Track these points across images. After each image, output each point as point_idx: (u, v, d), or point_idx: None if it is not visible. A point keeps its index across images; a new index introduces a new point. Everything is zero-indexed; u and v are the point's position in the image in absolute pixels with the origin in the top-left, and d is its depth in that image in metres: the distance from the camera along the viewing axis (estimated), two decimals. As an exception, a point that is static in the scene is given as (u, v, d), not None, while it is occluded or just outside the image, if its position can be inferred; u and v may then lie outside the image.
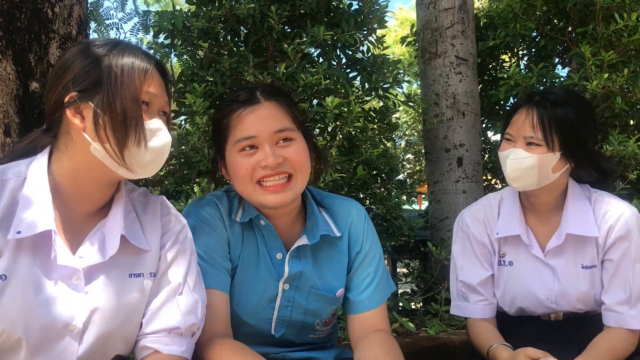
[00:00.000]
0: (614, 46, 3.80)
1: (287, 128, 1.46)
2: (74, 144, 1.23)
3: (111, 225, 1.28)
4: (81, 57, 1.24)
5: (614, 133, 3.49)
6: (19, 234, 1.16)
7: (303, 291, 1.56)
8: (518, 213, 1.85)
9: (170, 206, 1.42)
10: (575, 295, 1.79)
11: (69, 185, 1.26)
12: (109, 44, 1.28)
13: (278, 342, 1.58)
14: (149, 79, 1.26)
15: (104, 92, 1.21)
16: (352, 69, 3.45)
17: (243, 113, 1.46)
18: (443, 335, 2.90)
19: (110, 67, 1.22)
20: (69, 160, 1.25)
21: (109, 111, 1.20)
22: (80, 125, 1.21)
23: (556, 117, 1.72)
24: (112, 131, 1.20)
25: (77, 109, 1.22)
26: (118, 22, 4.80)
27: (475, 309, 1.87)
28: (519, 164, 1.73)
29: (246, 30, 3.32)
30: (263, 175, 1.44)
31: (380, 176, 3.41)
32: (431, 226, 3.87)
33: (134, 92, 1.23)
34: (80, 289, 1.20)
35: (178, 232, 1.38)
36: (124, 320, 1.25)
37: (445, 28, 3.85)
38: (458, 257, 1.92)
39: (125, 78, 1.22)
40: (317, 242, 1.55)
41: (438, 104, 3.84)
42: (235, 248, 1.53)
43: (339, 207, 1.65)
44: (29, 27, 1.84)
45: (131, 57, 1.25)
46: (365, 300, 1.60)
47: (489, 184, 4.46)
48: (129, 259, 1.28)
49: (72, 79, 1.22)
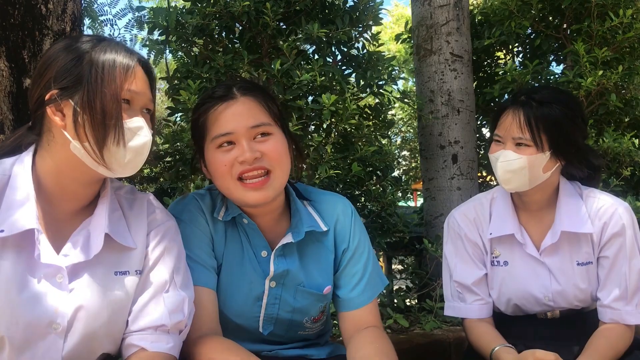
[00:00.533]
0: (608, 43, 3.81)
1: (264, 123, 1.46)
2: (55, 141, 1.23)
3: (96, 223, 1.27)
4: (64, 54, 1.23)
5: (608, 130, 3.50)
6: (2, 232, 1.16)
7: (290, 289, 1.55)
8: (511, 212, 1.85)
9: (157, 204, 1.41)
10: (573, 293, 1.79)
11: (53, 184, 1.25)
12: (93, 40, 1.27)
13: (267, 339, 1.58)
14: (130, 77, 1.25)
15: (84, 90, 1.20)
16: (348, 65, 3.45)
17: (219, 109, 1.46)
18: (438, 332, 2.91)
19: (91, 64, 1.21)
20: (51, 158, 1.24)
21: (89, 109, 1.19)
22: (61, 123, 1.21)
23: (543, 116, 1.71)
24: (92, 130, 1.19)
25: (57, 106, 1.21)
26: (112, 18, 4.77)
27: (471, 309, 1.86)
28: (508, 165, 1.73)
29: (241, 27, 3.31)
30: (242, 171, 1.43)
31: (375, 173, 3.41)
32: (426, 223, 3.87)
33: (114, 90, 1.22)
34: (64, 287, 1.20)
35: (165, 229, 1.37)
36: (109, 318, 1.24)
37: (440, 25, 3.85)
38: (451, 257, 1.91)
39: (106, 75, 1.21)
40: (303, 239, 1.54)
41: (433, 100, 3.84)
42: (219, 246, 1.53)
43: (325, 203, 1.64)
44: (22, 23, 1.83)
45: (113, 54, 1.24)
46: (355, 297, 1.59)
47: (483, 180, 4.47)
48: (114, 257, 1.28)
49: (54, 76, 1.21)
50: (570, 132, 1.75)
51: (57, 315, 1.18)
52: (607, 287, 1.77)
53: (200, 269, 1.46)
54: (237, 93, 1.48)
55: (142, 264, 1.32)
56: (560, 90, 1.92)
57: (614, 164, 3.60)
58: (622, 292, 1.74)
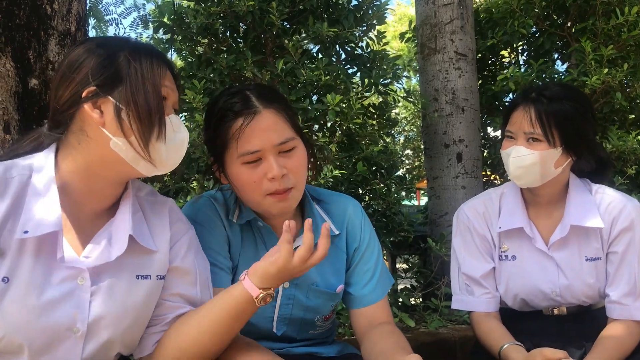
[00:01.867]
0: (613, 41, 3.80)
1: (289, 138, 1.43)
2: (88, 140, 1.20)
3: (119, 224, 1.25)
4: (95, 53, 1.21)
5: (612, 128, 3.49)
6: (27, 233, 1.13)
7: (303, 288, 1.57)
8: (520, 207, 1.85)
9: (179, 211, 1.40)
10: (580, 288, 1.79)
11: (79, 183, 1.22)
12: (121, 40, 1.26)
13: (280, 339, 1.59)
14: (166, 73, 1.25)
15: (125, 86, 1.18)
16: (352, 65, 3.45)
17: (243, 125, 1.40)
18: (443, 330, 2.91)
19: (128, 60, 1.20)
20: (82, 157, 1.21)
21: (133, 104, 1.18)
22: (99, 120, 1.18)
23: (554, 112, 1.72)
24: (137, 124, 1.17)
25: (95, 103, 1.18)
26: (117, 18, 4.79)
27: (479, 302, 1.86)
28: (521, 161, 1.73)
29: (245, 26, 3.31)
30: (274, 191, 1.41)
31: (379, 172, 3.41)
32: (431, 222, 3.87)
33: (155, 85, 1.21)
34: (85, 290, 1.17)
35: (189, 238, 1.36)
36: (130, 323, 1.23)
37: (444, 23, 3.85)
38: (459, 251, 1.91)
39: (145, 71, 1.20)
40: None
41: (437, 99, 3.84)
42: (236, 247, 1.53)
43: (336, 205, 1.65)
44: (27, 23, 1.83)
45: (147, 51, 1.23)
46: (368, 294, 1.61)
47: (488, 179, 4.46)
48: (136, 260, 1.26)
49: (89, 73, 1.18)
50: (582, 127, 1.75)
51: (77, 319, 1.16)
52: (615, 282, 1.77)
53: (217, 271, 1.46)
54: (259, 105, 1.42)
55: (164, 270, 1.30)
56: (569, 86, 1.93)
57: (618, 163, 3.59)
58: (631, 288, 1.74)
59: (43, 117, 1.90)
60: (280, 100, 1.49)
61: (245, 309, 1.26)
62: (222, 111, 1.45)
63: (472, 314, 1.89)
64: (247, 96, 1.45)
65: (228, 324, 1.26)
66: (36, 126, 1.87)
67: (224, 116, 1.44)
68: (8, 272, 1.11)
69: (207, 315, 1.27)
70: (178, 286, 1.32)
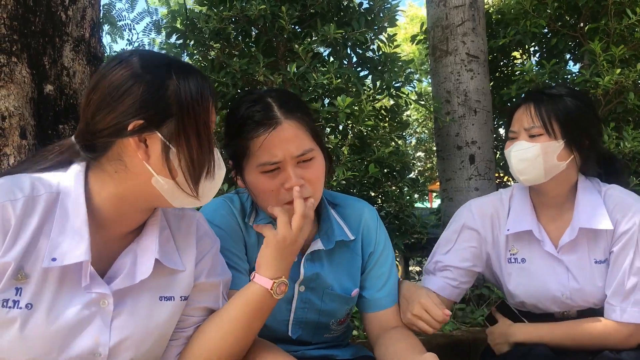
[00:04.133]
0: (626, 41, 3.78)
1: (308, 150, 1.42)
2: (127, 171, 1.13)
3: (145, 246, 1.21)
4: (141, 79, 1.11)
5: (627, 129, 3.47)
6: (54, 261, 1.09)
7: (318, 292, 1.57)
8: (529, 209, 1.84)
9: (206, 225, 1.36)
10: (591, 291, 1.78)
11: (109, 209, 1.17)
12: (164, 64, 1.15)
13: (295, 342, 1.59)
14: (212, 102, 1.17)
15: (176, 122, 1.11)
16: (363, 67, 3.46)
17: (263, 135, 1.38)
18: (457, 332, 2.90)
19: (179, 93, 1.12)
20: (116, 186, 1.15)
21: (185, 142, 1.12)
22: (144, 156, 1.11)
23: (554, 108, 1.73)
24: (188, 164, 1.12)
25: (140, 137, 1.10)
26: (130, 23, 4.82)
27: (436, 281, 1.85)
28: (522, 154, 1.74)
29: (257, 30, 3.33)
30: (291, 200, 1.40)
31: (392, 174, 3.41)
32: (443, 224, 3.85)
33: (206, 120, 1.15)
34: (107, 314, 1.14)
35: (213, 255, 1.33)
36: (152, 344, 1.21)
37: (456, 25, 3.84)
38: (448, 243, 1.90)
39: (196, 105, 1.13)
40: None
41: (449, 101, 3.83)
42: (252, 250, 1.53)
43: (352, 209, 1.65)
44: (43, 30, 1.85)
45: (195, 82, 1.15)
46: (382, 298, 1.61)
47: (501, 181, 4.45)
48: (160, 281, 1.22)
49: (136, 104, 1.10)
50: (582, 123, 1.75)
51: (99, 344, 1.13)
52: (609, 283, 1.75)
53: (234, 274, 1.45)
54: (280, 115, 1.41)
55: (188, 290, 1.27)
56: (572, 88, 1.94)
57: (633, 163, 3.57)
58: (618, 289, 1.72)
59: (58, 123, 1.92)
60: (302, 108, 1.48)
61: (264, 304, 1.28)
62: (243, 119, 1.44)
63: None
64: (269, 105, 1.43)
65: (249, 322, 1.27)
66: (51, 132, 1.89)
67: (244, 124, 1.43)
68: (32, 298, 1.08)
69: (228, 317, 1.28)
70: (203, 301, 1.30)
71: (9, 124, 1.74)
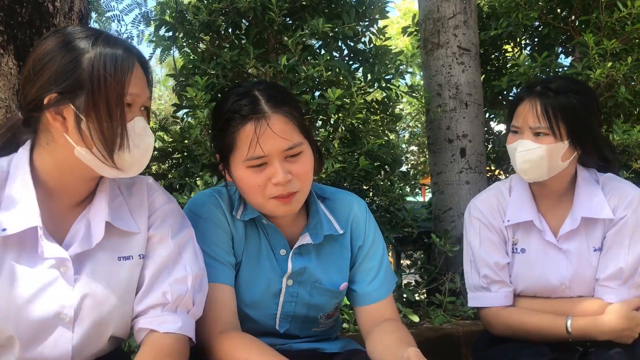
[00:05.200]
0: (617, 35, 3.78)
1: (296, 144, 1.41)
2: (55, 143, 1.20)
3: (95, 212, 1.27)
4: (61, 52, 1.17)
5: (617, 122, 3.47)
6: (4, 231, 1.15)
7: (306, 286, 1.56)
8: (529, 199, 1.85)
9: (157, 186, 1.40)
10: (589, 280, 1.79)
11: (53, 180, 1.24)
12: (90, 37, 1.20)
13: (282, 336, 1.59)
14: (132, 78, 1.20)
15: (87, 95, 1.15)
16: (354, 60, 3.45)
17: (249, 129, 1.38)
18: (447, 326, 2.91)
19: (92, 66, 1.15)
20: (51, 157, 1.22)
21: (95, 116, 1.16)
22: (62, 128, 1.17)
23: (560, 105, 1.72)
24: (99, 135, 1.16)
25: (57, 110, 1.16)
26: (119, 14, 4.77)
27: (497, 297, 1.84)
28: (528, 155, 1.73)
29: (247, 22, 3.31)
30: (277, 195, 1.41)
31: (383, 167, 3.41)
32: (435, 217, 3.86)
33: (118, 95, 1.17)
34: (69, 278, 1.20)
35: (166, 212, 1.36)
36: (116, 304, 1.25)
37: (447, 18, 3.84)
38: (476, 247, 1.88)
39: (109, 78, 1.16)
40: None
41: (441, 94, 3.83)
42: (239, 244, 1.53)
43: (341, 203, 1.64)
44: (30, 21, 1.84)
45: (113, 54, 1.18)
46: (372, 292, 1.60)
47: (492, 174, 4.45)
48: (116, 243, 1.28)
49: (52, 77, 1.16)
50: (588, 120, 1.75)
51: (63, 306, 1.18)
52: (603, 265, 1.76)
53: (219, 266, 1.46)
54: (267, 109, 1.39)
55: (145, 248, 1.32)
56: (574, 80, 1.93)
57: (623, 156, 3.58)
58: (617, 271, 1.73)
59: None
60: (290, 102, 1.46)
61: None
62: (229, 113, 1.42)
63: (488, 310, 1.87)
64: (256, 99, 1.42)
65: None
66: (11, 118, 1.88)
67: (231, 119, 1.41)
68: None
69: None
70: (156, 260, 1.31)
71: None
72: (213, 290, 1.41)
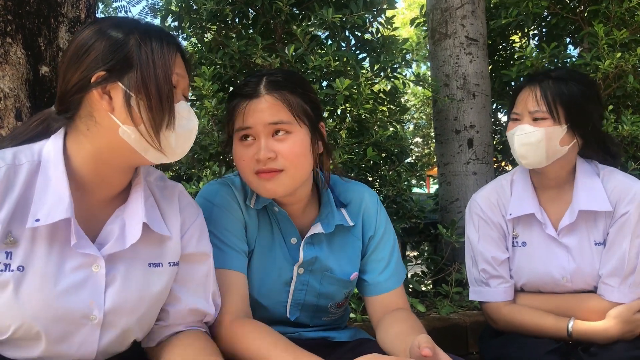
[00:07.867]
0: (626, 25, 3.75)
1: (282, 121, 1.43)
2: (98, 126, 1.17)
3: (132, 211, 1.24)
4: (104, 36, 1.17)
5: (626, 113, 3.45)
6: (38, 222, 1.12)
7: (317, 275, 1.58)
8: (530, 193, 1.85)
9: (188, 196, 1.40)
10: (591, 273, 1.78)
11: (88, 170, 1.20)
12: (131, 22, 1.22)
13: (293, 324, 1.60)
14: (177, 59, 1.22)
15: (135, 72, 1.15)
16: (362, 50, 3.43)
17: (243, 104, 1.45)
18: (454, 316, 2.91)
19: (139, 45, 1.17)
20: (91, 144, 1.19)
21: (144, 91, 1.15)
22: (108, 107, 1.16)
23: (559, 91, 1.73)
24: (147, 113, 1.15)
25: (104, 89, 1.16)
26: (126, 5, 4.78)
27: (497, 292, 1.85)
28: (526, 138, 1.73)
29: (254, 12, 3.30)
30: (257, 170, 1.43)
31: (390, 158, 3.40)
32: (441, 208, 3.86)
33: (166, 72, 1.18)
34: (100, 278, 1.17)
35: (201, 227, 1.37)
36: (145, 311, 1.24)
37: (455, 8, 3.81)
38: (475, 242, 1.90)
39: (156, 57, 1.17)
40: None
41: (448, 85, 3.81)
42: (252, 232, 1.54)
43: (352, 194, 1.65)
44: (38, 11, 1.83)
45: (159, 35, 1.20)
46: (383, 282, 1.62)
47: (499, 165, 4.44)
48: (149, 247, 1.25)
49: (99, 57, 1.16)
50: (586, 108, 1.75)
51: (93, 307, 1.16)
52: (604, 261, 1.76)
53: (233, 253, 1.47)
54: (263, 90, 1.45)
55: (176, 256, 1.30)
56: (576, 70, 1.94)
57: (631, 147, 3.56)
58: (617, 269, 1.73)
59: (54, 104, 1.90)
60: (291, 87, 1.48)
61: None
62: (233, 92, 1.52)
63: (489, 304, 1.87)
64: (260, 81, 1.47)
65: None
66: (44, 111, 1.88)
67: (233, 97, 1.50)
68: (23, 261, 1.11)
69: None
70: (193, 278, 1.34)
71: (4, 105, 1.73)
72: (226, 277, 1.42)
